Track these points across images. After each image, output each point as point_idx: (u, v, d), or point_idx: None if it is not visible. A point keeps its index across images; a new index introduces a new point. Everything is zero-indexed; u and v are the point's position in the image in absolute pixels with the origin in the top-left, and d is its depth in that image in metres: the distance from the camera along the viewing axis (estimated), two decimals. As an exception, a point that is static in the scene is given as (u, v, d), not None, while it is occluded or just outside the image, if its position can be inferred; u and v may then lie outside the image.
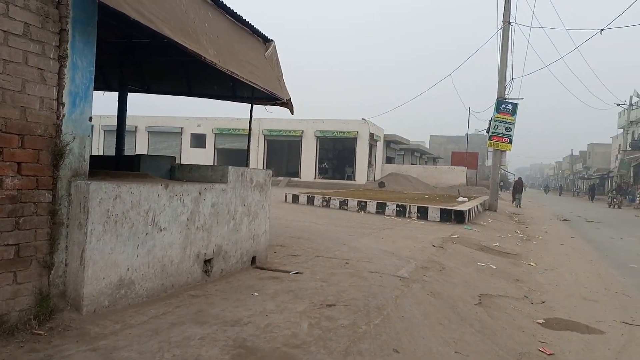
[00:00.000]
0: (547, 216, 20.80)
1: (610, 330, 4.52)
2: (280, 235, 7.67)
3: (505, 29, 18.30)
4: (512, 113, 18.74)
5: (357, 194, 18.77)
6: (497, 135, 18.78)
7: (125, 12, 3.05)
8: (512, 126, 18.74)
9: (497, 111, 18.73)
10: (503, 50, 18.41)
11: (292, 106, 6.11)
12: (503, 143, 18.88)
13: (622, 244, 11.67)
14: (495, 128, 18.76)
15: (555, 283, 6.66)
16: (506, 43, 18.31)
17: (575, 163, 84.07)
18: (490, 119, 19.12)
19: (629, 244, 11.58)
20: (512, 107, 18.83)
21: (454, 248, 8.16)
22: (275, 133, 36.79)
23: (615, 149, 56.99)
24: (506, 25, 18.28)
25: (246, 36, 5.23)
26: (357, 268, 5.42)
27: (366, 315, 3.63)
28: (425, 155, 57.43)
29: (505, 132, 18.72)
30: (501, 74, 18.73)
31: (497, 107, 18.75)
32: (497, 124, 18.71)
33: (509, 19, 18.28)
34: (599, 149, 68.35)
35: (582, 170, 75.88)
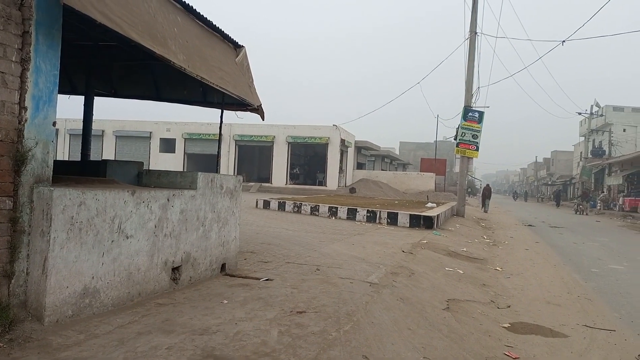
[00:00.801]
0: (512, 222, 21.32)
1: (573, 334, 4.66)
2: (251, 241, 7.62)
3: (471, 38, 18.75)
4: (479, 121, 19.17)
5: (329, 200, 18.82)
6: (464, 142, 19.17)
7: (91, 15, 2.99)
8: (478, 134, 19.16)
9: (464, 119, 19.13)
10: (469, 59, 18.84)
11: (263, 112, 6.10)
12: (470, 150, 19.28)
13: (584, 248, 12.07)
14: (463, 135, 19.15)
15: (521, 287, 6.82)
16: (472, 52, 18.76)
17: (539, 170, 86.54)
18: (458, 127, 19.51)
19: (590, 249, 11.98)
20: (479, 115, 19.27)
21: (423, 253, 8.27)
22: (247, 138, 36.58)
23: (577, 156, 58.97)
24: (472, 35, 18.73)
25: (217, 41, 5.20)
26: (327, 274, 5.42)
27: (336, 321, 3.64)
28: (395, 161, 58.11)
29: (472, 140, 19.12)
30: (468, 82, 19.16)
31: (464, 115, 19.15)
32: (464, 131, 19.10)
33: (475, 30, 18.74)
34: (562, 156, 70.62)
35: (545, 177, 78.17)
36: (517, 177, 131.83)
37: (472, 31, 18.78)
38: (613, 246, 12.77)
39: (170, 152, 37.74)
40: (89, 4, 2.99)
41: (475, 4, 18.74)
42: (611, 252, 11.51)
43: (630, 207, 33.20)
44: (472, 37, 18.77)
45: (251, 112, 6.26)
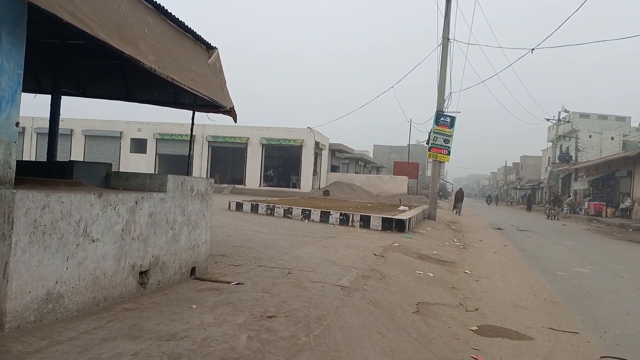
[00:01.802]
0: (482, 225, 21.74)
1: (539, 336, 4.78)
2: (222, 244, 7.55)
3: (444, 45, 19.06)
4: (451, 126, 19.51)
5: (302, 202, 18.81)
6: (436, 146, 19.47)
7: (57, 14, 2.91)
8: (450, 138, 19.49)
9: (437, 124, 19.43)
10: (442, 65, 19.17)
11: (235, 114, 6.06)
12: (442, 154, 19.59)
13: (550, 252, 12.39)
14: (435, 140, 19.45)
15: (489, 290, 6.96)
16: (445, 58, 19.08)
17: (508, 174, 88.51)
18: (430, 131, 19.81)
19: (557, 252, 12.31)
20: (451, 120, 19.60)
21: (394, 256, 8.34)
22: (220, 139, 36.28)
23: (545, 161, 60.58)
24: (445, 41, 19.05)
25: (189, 43, 5.14)
26: (299, 278, 5.42)
27: (306, 326, 3.63)
28: (369, 164, 58.54)
29: (444, 144, 19.44)
30: (440, 88, 19.47)
31: (436, 119, 19.46)
32: (437, 135, 19.40)
33: (447, 36, 19.06)
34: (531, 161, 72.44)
35: (515, 181, 79.99)
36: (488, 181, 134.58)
37: (444, 37, 19.10)
38: (578, 249, 13.15)
39: (142, 152, 37.11)
40: (55, 2, 2.91)
41: (448, 12, 19.08)
42: (576, 255, 11.86)
43: (595, 212, 34.27)
44: (444, 44, 19.09)
45: (223, 114, 6.21)
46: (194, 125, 6.57)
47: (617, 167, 34.79)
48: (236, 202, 17.05)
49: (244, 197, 22.96)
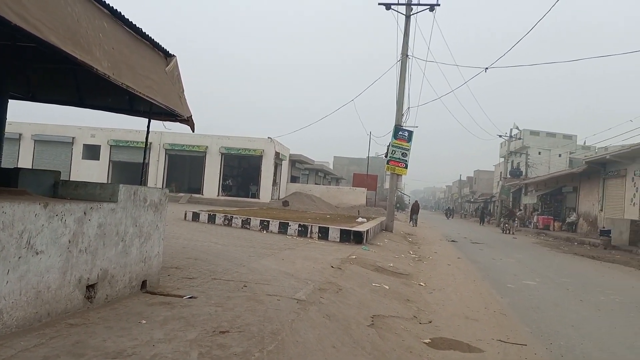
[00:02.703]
0: (437, 237, 22.20)
1: (488, 349, 4.89)
2: (176, 256, 7.37)
3: (403, 61, 19.51)
4: (408, 140, 19.91)
5: (261, 213, 18.65)
6: (394, 160, 19.81)
7: (6, 17, 2.78)
8: (407, 152, 19.88)
9: (395, 137, 19.79)
10: (401, 80, 19.60)
11: (193, 123, 5.96)
12: (399, 167, 19.94)
13: (501, 264, 12.78)
14: (393, 153, 19.79)
15: (442, 303, 7.09)
16: (404, 74, 19.52)
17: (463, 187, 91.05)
18: (389, 145, 20.15)
19: (507, 265, 12.71)
20: (408, 134, 20.02)
21: (351, 269, 8.38)
22: (178, 147, 35.58)
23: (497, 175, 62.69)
24: (404, 57, 19.49)
25: (146, 49, 5.03)
26: (254, 291, 5.34)
27: (260, 341, 3.58)
28: (328, 175, 58.85)
29: (401, 157, 19.80)
30: (399, 102, 19.89)
31: (394, 133, 19.82)
32: (395, 149, 19.75)
33: (406, 52, 19.52)
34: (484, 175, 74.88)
35: (468, 194, 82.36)
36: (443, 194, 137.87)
37: (403, 54, 19.55)
38: (527, 262, 13.63)
39: (95, 159, 35.90)
40: (3, 4, 2.78)
41: (407, 29, 19.55)
42: (525, 268, 12.28)
43: (543, 225, 35.70)
44: (403, 60, 19.54)
45: (180, 123, 6.10)
46: (151, 132, 6.40)
47: (564, 183, 36.44)
48: (193, 212, 16.71)
49: (202, 207, 22.54)
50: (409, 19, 19.52)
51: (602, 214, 28.63)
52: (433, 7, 19.19)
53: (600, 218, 28.63)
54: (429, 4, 19.27)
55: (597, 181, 30.02)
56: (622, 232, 21.95)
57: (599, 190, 29.75)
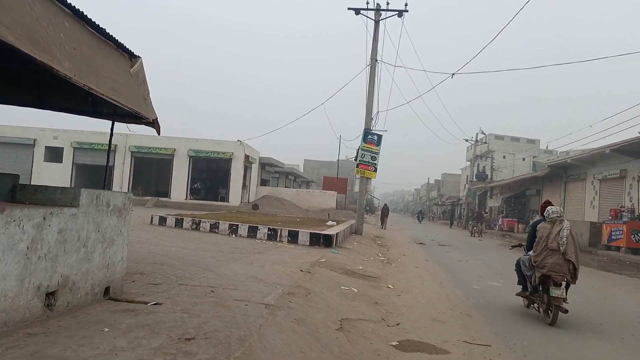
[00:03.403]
0: (406, 240, 22.47)
1: (454, 350, 4.97)
2: (141, 261, 7.21)
3: (372, 65, 19.70)
4: (377, 143, 20.09)
5: (230, 217, 18.47)
6: (364, 163, 19.95)
7: (-43, 14, 2.67)
8: (377, 155, 20.05)
9: (364, 141, 19.94)
10: (370, 84, 19.77)
11: (158, 126, 5.83)
12: (369, 171, 20.09)
13: (467, 266, 13.02)
14: (363, 157, 19.92)
15: (410, 305, 7.17)
16: (373, 79, 19.70)
17: (431, 190, 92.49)
18: (358, 148, 20.28)
19: (473, 267, 12.96)
20: (378, 138, 20.20)
21: (321, 272, 8.38)
22: (144, 150, 34.87)
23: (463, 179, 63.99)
24: (373, 62, 19.69)
25: (109, 50, 4.91)
26: (222, 296, 5.27)
27: (227, 347, 3.53)
28: (299, 178, 58.81)
29: (371, 161, 19.95)
30: (368, 106, 20.05)
31: (364, 137, 19.97)
32: (364, 152, 19.89)
33: (375, 57, 19.73)
34: (451, 178, 76.28)
35: (436, 197, 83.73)
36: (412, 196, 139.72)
37: (372, 58, 19.74)
38: (492, 264, 13.93)
39: (57, 161, 34.81)
40: (-45, 1, 2.67)
41: (376, 34, 19.76)
42: (490, 269, 12.55)
43: (508, 227, 36.61)
44: (372, 64, 19.73)
45: (146, 125, 5.97)
46: (117, 134, 6.26)
47: (528, 186, 37.49)
48: (159, 216, 16.40)
49: (169, 211, 22.17)
50: (378, 24, 19.74)
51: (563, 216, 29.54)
52: (401, 13, 19.47)
53: (561, 220, 29.52)
54: (398, 10, 19.54)
55: (559, 184, 31.00)
56: (582, 234, 22.69)
57: (560, 193, 30.73)
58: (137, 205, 30.02)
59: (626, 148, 21.27)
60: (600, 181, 25.39)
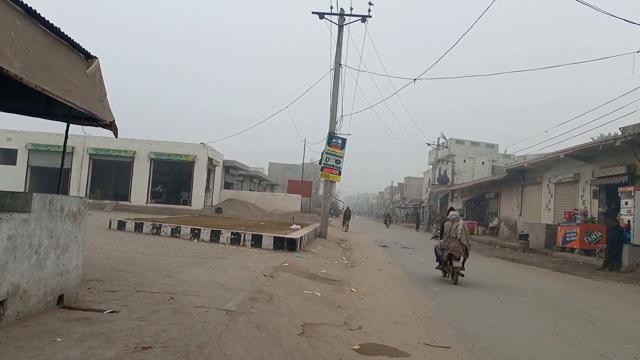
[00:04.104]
0: (369, 243, 22.68)
1: (415, 352, 5.04)
2: (98, 268, 6.99)
3: (336, 69, 19.84)
4: (342, 147, 20.22)
5: (192, 221, 18.16)
6: (328, 166, 20.04)
7: None
8: (341, 159, 20.18)
9: (329, 144, 20.03)
10: (334, 88, 19.90)
11: (116, 129, 5.69)
12: (333, 174, 20.19)
13: (429, 269, 13.21)
14: (327, 160, 20.01)
15: (372, 308, 7.22)
16: (337, 83, 19.84)
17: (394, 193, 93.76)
18: (323, 152, 20.36)
19: (434, 269, 13.17)
20: (342, 141, 20.33)
21: (284, 277, 8.35)
22: (103, 152, 33.90)
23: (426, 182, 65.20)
24: (337, 66, 19.83)
25: (64, 50, 4.75)
26: (182, 303, 5.17)
27: (185, 356, 3.46)
28: (263, 182, 58.47)
29: (335, 165, 20.06)
30: (332, 110, 20.17)
31: (328, 140, 20.06)
32: (329, 156, 19.99)
33: (339, 61, 19.87)
34: (414, 181, 77.56)
35: (400, 200, 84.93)
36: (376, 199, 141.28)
37: (337, 62, 19.87)
38: (453, 266, 14.19)
39: (11, 164, 33.38)
40: None
41: (340, 39, 19.91)
42: (451, 271, 12.78)
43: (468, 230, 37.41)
44: (336, 69, 19.86)
45: (103, 128, 5.80)
46: (75, 136, 6.07)
47: (487, 190, 38.53)
48: (118, 220, 15.95)
49: (128, 215, 21.60)
50: (341, 28, 19.89)
51: (521, 219, 30.53)
52: (365, 19, 19.68)
53: (519, 223, 30.51)
54: (361, 15, 19.74)
55: (516, 188, 32.00)
56: (538, 236, 23.51)
57: (518, 196, 31.72)
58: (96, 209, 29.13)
59: (579, 153, 22.19)
60: (555, 185, 26.36)
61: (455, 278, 10.21)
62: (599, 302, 9.24)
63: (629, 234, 15.32)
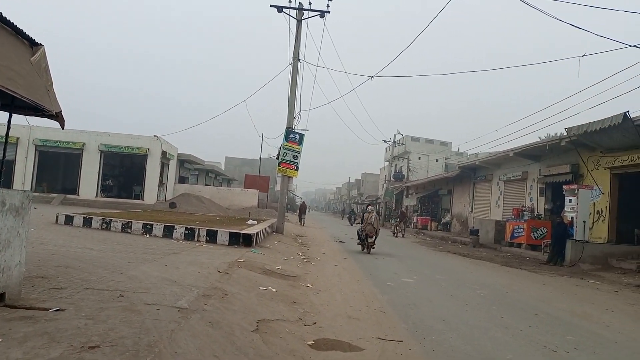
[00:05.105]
0: (326, 238, 22.81)
1: (368, 346, 5.11)
2: (43, 264, 6.70)
3: (294, 64, 19.78)
4: (300, 142, 20.20)
5: (144, 216, 17.69)
6: (286, 162, 19.98)
7: None
8: (298, 154, 20.16)
9: (286, 140, 19.97)
10: (292, 83, 19.83)
11: (63, 119, 5.45)
12: (291, 170, 20.15)
13: (383, 263, 13.47)
14: (284, 155, 19.94)
15: (327, 303, 7.28)
16: (295, 78, 19.79)
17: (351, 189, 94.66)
18: (280, 147, 20.28)
19: (389, 264, 13.43)
20: (300, 137, 20.31)
21: (239, 273, 8.27)
22: (50, 144, 32.47)
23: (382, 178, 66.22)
24: (295, 61, 19.77)
25: (6, 36, 4.50)
26: (132, 300, 5.03)
27: (135, 355, 3.37)
28: (220, 176, 57.65)
29: (292, 160, 20.02)
30: (290, 105, 20.10)
31: (286, 136, 19.99)
32: (286, 151, 19.92)
33: (298, 56, 19.82)
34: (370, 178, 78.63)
35: (356, 196, 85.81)
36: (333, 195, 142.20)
37: (295, 57, 19.81)
38: (407, 261, 14.54)
39: (-53, 154, 31.38)
40: None
41: (299, 34, 19.85)
42: (405, 266, 13.08)
43: (422, 225, 38.38)
44: (295, 63, 19.80)
45: (48, 119, 5.55)
46: (19, 126, 5.79)
47: (440, 186, 39.55)
48: (66, 214, 15.32)
49: (77, 209, 20.81)
50: (300, 23, 19.83)
51: (472, 215, 31.54)
52: (323, 14, 19.70)
53: (470, 219, 31.52)
54: (320, 11, 19.75)
55: (468, 185, 33.01)
56: (488, 232, 24.36)
57: (469, 193, 32.74)
58: (42, 203, 27.84)
59: (527, 152, 23.12)
60: (504, 182, 27.37)
61: (369, 250, 15.85)
62: (543, 295, 9.68)
63: (572, 230, 16.13)
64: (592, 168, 18.72)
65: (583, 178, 19.35)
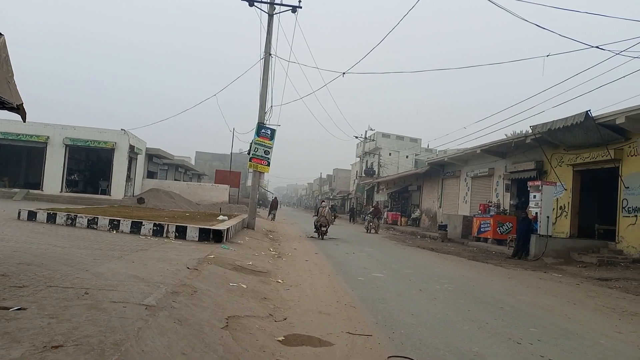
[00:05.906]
0: (297, 233, 22.82)
1: (338, 342, 5.14)
2: (4, 262, 6.49)
3: (266, 59, 19.63)
4: (271, 138, 20.10)
5: (111, 211, 17.31)
6: (257, 157, 19.86)
7: None
8: (270, 150, 20.07)
9: (258, 135, 19.84)
10: (264, 78, 19.70)
11: (24, 113, 5.27)
12: (262, 165, 20.05)
13: (354, 258, 13.57)
14: (256, 150, 19.82)
15: (298, 299, 7.28)
16: (267, 72, 19.65)
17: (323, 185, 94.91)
18: (252, 142, 20.13)
19: (359, 259, 13.53)
20: (271, 132, 20.21)
21: (209, 269, 8.19)
22: (12, 137, 31.40)
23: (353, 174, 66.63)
24: (267, 56, 19.63)
25: (-37, 24, 4.31)
26: (97, 298, 4.92)
27: (100, 354, 3.30)
28: (190, 171, 56.89)
29: (264, 155, 19.92)
30: (262, 100, 19.97)
31: (257, 131, 19.86)
32: (257, 146, 19.80)
33: (269, 51, 19.69)
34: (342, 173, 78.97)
35: (328, 192, 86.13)
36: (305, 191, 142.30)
37: (266, 52, 19.67)
38: (377, 256, 14.68)
39: None
40: None
41: (270, 28, 19.71)
42: (375, 261, 13.21)
43: (392, 221, 38.83)
44: (266, 58, 19.66)
45: (9, 111, 5.36)
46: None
47: (410, 182, 40.06)
48: (29, 210, 14.85)
49: (41, 205, 20.19)
50: (271, 17, 19.69)
51: (440, 210, 32.08)
52: (295, 9, 19.61)
53: (439, 214, 32.05)
54: (291, 5, 19.65)
55: (437, 181, 33.54)
56: (456, 227, 24.83)
57: (438, 188, 33.27)
58: (3, 198, 26.91)
59: (494, 149, 23.65)
60: (472, 178, 27.92)
61: (322, 237, 20.00)
62: (508, 288, 9.93)
63: (536, 225, 16.60)
64: (556, 165, 19.30)
65: (547, 174, 19.93)
